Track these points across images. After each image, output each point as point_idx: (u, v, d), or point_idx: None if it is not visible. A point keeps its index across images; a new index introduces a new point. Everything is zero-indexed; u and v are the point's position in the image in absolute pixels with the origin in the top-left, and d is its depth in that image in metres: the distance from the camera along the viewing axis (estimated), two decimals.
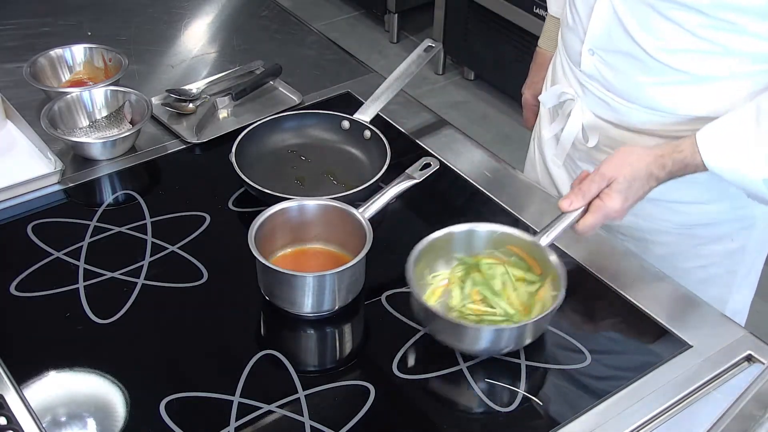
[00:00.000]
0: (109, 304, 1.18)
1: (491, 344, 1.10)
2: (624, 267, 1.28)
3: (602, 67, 1.31)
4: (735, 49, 1.19)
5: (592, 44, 1.30)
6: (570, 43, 1.37)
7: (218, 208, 1.34)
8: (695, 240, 1.40)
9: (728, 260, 1.43)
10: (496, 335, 1.09)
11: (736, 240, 1.40)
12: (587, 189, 1.17)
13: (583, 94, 1.37)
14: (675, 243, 1.41)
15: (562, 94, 1.41)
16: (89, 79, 1.59)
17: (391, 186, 1.26)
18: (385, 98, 1.48)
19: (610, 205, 1.15)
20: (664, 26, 1.20)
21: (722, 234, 1.39)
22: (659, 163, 1.18)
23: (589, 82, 1.34)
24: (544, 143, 1.52)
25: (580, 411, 1.06)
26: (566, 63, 1.41)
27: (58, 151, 1.42)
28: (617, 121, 1.33)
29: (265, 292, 1.17)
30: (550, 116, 1.51)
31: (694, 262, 1.42)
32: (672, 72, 1.23)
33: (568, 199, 1.17)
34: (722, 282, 1.45)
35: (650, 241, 1.41)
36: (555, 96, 1.42)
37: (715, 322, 1.20)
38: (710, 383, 1.11)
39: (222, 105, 1.55)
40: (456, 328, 1.09)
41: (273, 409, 1.05)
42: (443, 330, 1.11)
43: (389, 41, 3.81)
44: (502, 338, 1.09)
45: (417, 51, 1.53)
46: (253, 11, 1.90)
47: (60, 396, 1.07)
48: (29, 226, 1.29)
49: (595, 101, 1.35)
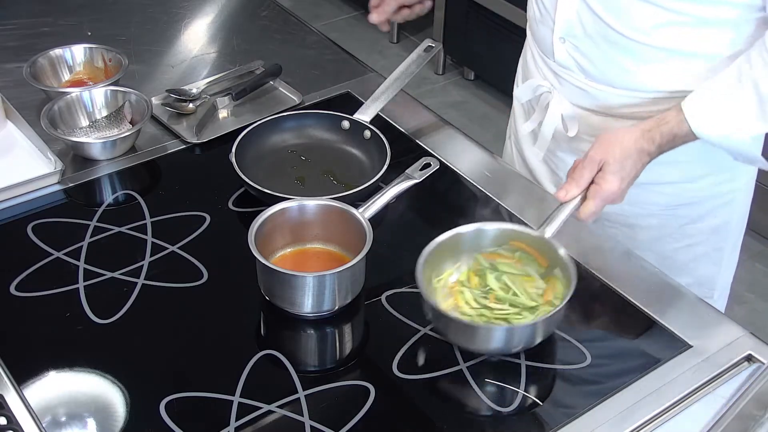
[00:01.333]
0: (109, 304, 1.18)
1: (504, 344, 1.10)
2: (624, 267, 1.28)
3: (576, 54, 1.31)
4: (708, 19, 1.19)
5: (563, 32, 1.30)
6: (540, 35, 1.37)
7: (218, 208, 1.34)
8: (680, 220, 1.41)
9: (714, 237, 1.45)
10: (508, 334, 1.09)
11: (719, 215, 1.42)
12: (579, 176, 1.17)
13: (559, 85, 1.37)
14: (661, 226, 1.42)
15: (537, 87, 1.41)
16: (89, 79, 1.59)
17: (391, 186, 1.26)
18: (385, 98, 1.48)
19: (606, 188, 1.16)
20: (631, 3, 1.20)
21: (704, 212, 1.41)
22: (647, 138, 1.18)
23: (564, 71, 1.34)
24: (521, 139, 1.53)
25: (580, 411, 1.06)
26: (538, 56, 1.41)
27: (58, 151, 1.42)
28: (596, 107, 1.33)
29: (265, 292, 1.17)
30: (524, 112, 1.51)
31: (681, 242, 1.43)
32: (648, 50, 1.23)
33: (563, 190, 1.18)
34: (710, 260, 1.47)
35: (637, 226, 1.42)
36: (530, 90, 1.43)
37: (715, 322, 1.20)
38: (710, 383, 1.11)
39: (222, 105, 1.55)
40: (468, 329, 1.10)
41: (273, 409, 1.05)
42: (454, 331, 1.11)
43: (389, 41, 3.81)
44: (514, 337, 1.09)
45: (417, 51, 1.53)
46: (253, 11, 1.90)
47: (60, 396, 1.07)
48: (29, 226, 1.29)
49: (572, 90, 1.35)
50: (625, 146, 1.17)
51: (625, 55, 1.26)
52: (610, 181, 1.16)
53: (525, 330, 1.10)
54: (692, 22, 1.20)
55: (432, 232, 1.16)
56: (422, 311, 1.17)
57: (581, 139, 1.37)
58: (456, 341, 1.12)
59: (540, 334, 1.10)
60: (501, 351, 1.11)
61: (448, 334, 1.12)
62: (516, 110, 1.56)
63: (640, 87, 1.28)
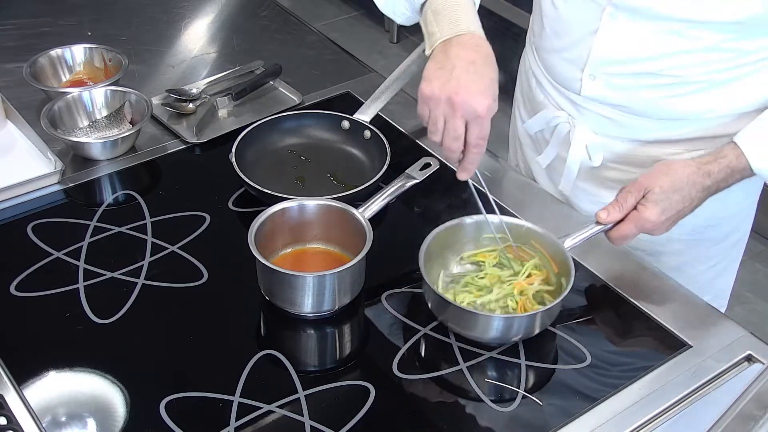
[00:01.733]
0: (109, 304, 1.18)
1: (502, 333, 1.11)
2: (623, 266, 1.27)
3: (607, 89, 1.28)
4: (749, 51, 1.18)
5: (594, 70, 1.27)
6: (559, 69, 1.33)
7: (218, 208, 1.34)
8: (705, 243, 1.39)
9: (733, 251, 1.44)
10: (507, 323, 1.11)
11: (739, 230, 1.41)
12: (624, 200, 1.15)
13: (581, 116, 1.33)
14: (686, 250, 1.39)
15: (552, 118, 1.37)
16: (89, 79, 1.59)
17: (391, 186, 1.26)
18: (385, 98, 1.48)
19: (644, 216, 1.13)
20: (681, 44, 1.18)
21: (729, 230, 1.39)
22: (703, 171, 1.15)
23: (590, 103, 1.31)
24: (536, 174, 1.49)
25: (580, 411, 1.06)
26: (551, 87, 1.37)
27: (58, 151, 1.42)
28: (623, 134, 1.31)
29: (265, 292, 1.17)
30: (533, 141, 1.47)
31: (706, 264, 1.41)
32: (686, 83, 1.22)
33: (605, 211, 1.16)
34: (728, 272, 1.46)
35: (663, 253, 1.39)
36: (543, 121, 1.39)
37: (715, 322, 1.20)
38: (710, 383, 1.11)
39: (222, 105, 1.55)
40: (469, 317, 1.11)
41: (273, 409, 1.05)
42: (456, 319, 1.12)
43: (389, 41, 3.81)
44: (513, 327, 1.11)
45: (417, 51, 1.53)
46: (253, 11, 1.90)
47: (60, 396, 1.07)
48: (29, 226, 1.29)
49: (596, 119, 1.32)
50: (676, 178, 1.14)
51: (661, 88, 1.23)
52: (650, 209, 1.13)
53: (523, 320, 1.11)
54: (734, 57, 1.19)
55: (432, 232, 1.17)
56: (422, 311, 1.17)
57: (607, 167, 1.35)
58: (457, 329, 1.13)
59: (538, 325, 1.11)
60: (499, 340, 1.13)
61: (448, 322, 1.14)
62: (522, 139, 1.51)
63: (674, 116, 1.26)
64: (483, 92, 1.11)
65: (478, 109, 1.10)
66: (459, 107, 1.10)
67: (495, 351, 1.13)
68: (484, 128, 1.13)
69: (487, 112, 1.11)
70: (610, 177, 1.36)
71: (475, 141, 1.14)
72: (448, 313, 1.13)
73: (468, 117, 1.11)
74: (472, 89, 1.11)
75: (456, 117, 1.11)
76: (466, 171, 1.17)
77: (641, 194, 1.14)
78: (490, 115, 1.13)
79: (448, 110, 1.11)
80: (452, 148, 1.14)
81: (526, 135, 1.50)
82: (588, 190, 1.40)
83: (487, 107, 1.11)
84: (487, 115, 1.12)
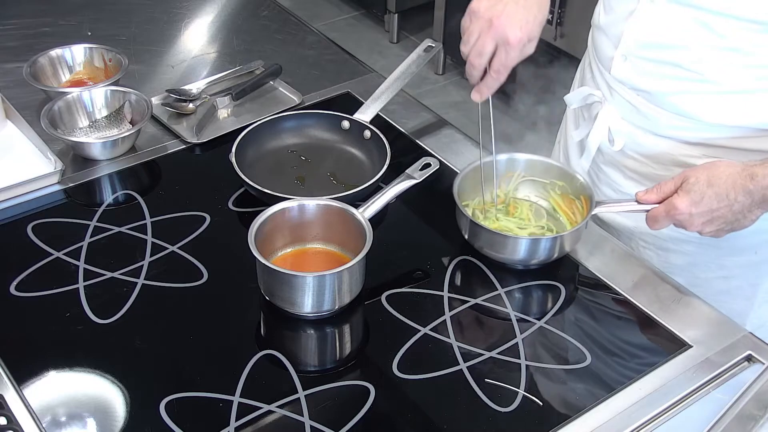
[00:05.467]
0: (109, 304, 1.18)
1: (528, 254, 1.22)
2: (623, 266, 1.28)
3: (636, 74, 1.29)
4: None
5: (627, 51, 1.29)
6: (601, 46, 1.35)
7: (218, 208, 1.34)
8: (717, 251, 1.37)
9: (751, 273, 1.40)
10: (533, 245, 1.22)
11: (759, 253, 1.37)
12: (664, 185, 1.17)
13: (611, 97, 1.35)
14: (697, 253, 1.38)
15: (588, 95, 1.39)
16: (89, 79, 1.59)
17: (391, 186, 1.26)
18: (385, 98, 1.48)
19: (674, 202, 1.14)
20: (708, 39, 1.18)
21: (745, 246, 1.36)
22: (747, 173, 1.12)
23: (619, 86, 1.32)
24: (569, 147, 1.51)
25: (580, 411, 1.06)
26: (594, 64, 1.39)
27: (58, 151, 1.42)
28: (645, 125, 1.32)
29: (265, 292, 1.17)
30: (574, 119, 1.50)
31: (716, 272, 1.40)
32: (706, 82, 1.22)
33: (645, 190, 1.18)
34: (744, 295, 1.42)
35: (672, 251, 1.39)
36: (581, 97, 1.41)
37: (715, 322, 1.20)
38: (710, 383, 1.11)
39: (222, 105, 1.55)
40: (499, 239, 1.22)
41: (273, 409, 1.05)
42: (487, 241, 1.23)
43: (389, 41, 3.81)
44: (539, 248, 1.22)
45: (417, 51, 1.53)
46: (253, 11, 1.90)
47: (60, 396, 1.07)
48: (29, 226, 1.29)
49: (624, 104, 1.33)
50: (714, 173, 1.13)
51: (682, 80, 1.23)
52: (680, 198, 1.13)
53: (548, 242, 1.22)
54: (756, 65, 1.18)
55: (432, 232, 1.17)
56: (422, 311, 1.17)
57: (626, 155, 1.36)
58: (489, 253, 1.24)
59: (557, 249, 1.22)
60: (525, 261, 1.24)
61: (481, 245, 1.25)
62: (568, 116, 1.54)
63: (696, 116, 1.26)
64: (521, 26, 1.18)
65: (510, 37, 1.17)
66: (494, 29, 1.18)
67: (495, 351, 1.13)
68: (510, 57, 1.19)
69: (517, 43, 1.18)
70: (629, 166, 1.37)
71: (497, 66, 1.20)
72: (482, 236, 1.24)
73: (499, 41, 1.18)
74: (512, 18, 1.17)
75: (488, 36, 1.18)
76: (480, 93, 1.23)
77: (680, 183, 1.15)
78: (519, 48, 1.19)
79: (485, 27, 1.19)
80: (474, 63, 1.21)
81: (572, 113, 1.52)
82: (609, 175, 1.42)
83: (518, 39, 1.18)
84: (516, 46, 1.18)
